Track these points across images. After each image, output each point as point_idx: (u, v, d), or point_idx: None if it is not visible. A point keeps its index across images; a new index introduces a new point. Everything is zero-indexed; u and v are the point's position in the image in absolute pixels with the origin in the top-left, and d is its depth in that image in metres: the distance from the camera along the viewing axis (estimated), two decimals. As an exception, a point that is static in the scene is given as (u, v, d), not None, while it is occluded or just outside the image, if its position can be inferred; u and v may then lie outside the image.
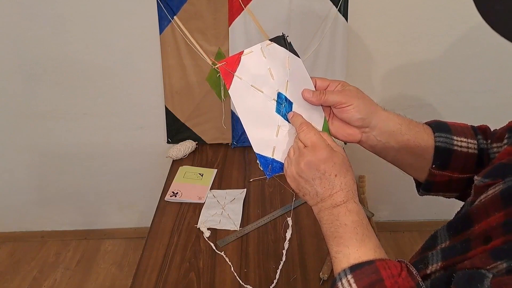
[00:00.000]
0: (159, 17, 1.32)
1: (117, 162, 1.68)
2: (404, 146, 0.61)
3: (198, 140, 1.50)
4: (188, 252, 1.03)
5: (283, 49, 0.60)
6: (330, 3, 1.29)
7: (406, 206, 1.87)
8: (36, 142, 1.62)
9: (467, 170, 0.60)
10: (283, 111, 0.60)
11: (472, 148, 0.59)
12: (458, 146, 0.59)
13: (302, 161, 0.55)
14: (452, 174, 0.60)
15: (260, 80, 0.59)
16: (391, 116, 0.61)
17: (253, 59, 0.59)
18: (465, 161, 0.59)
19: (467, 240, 0.46)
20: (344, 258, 0.50)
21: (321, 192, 0.54)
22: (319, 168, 0.54)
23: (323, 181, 0.54)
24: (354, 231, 0.51)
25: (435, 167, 0.60)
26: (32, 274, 1.76)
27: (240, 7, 1.29)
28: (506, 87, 1.53)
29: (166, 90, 1.44)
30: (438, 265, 0.48)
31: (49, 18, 1.35)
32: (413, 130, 0.60)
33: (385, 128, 0.60)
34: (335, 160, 0.55)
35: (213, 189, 1.26)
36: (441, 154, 0.59)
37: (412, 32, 1.42)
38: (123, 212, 1.85)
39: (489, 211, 0.45)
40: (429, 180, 0.62)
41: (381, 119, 0.60)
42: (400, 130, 0.60)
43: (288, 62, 0.60)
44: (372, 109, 0.60)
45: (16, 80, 1.48)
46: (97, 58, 1.43)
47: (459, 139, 0.60)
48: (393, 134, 0.60)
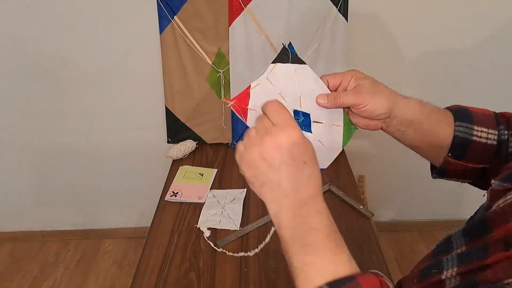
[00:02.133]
0: (159, 17, 1.32)
1: (117, 162, 1.68)
2: (422, 135, 0.59)
3: (198, 140, 1.50)
4: (188, 252, 1.03)
5: (288, 65, 0.60)
6: (330, 3, 1.29)
7: (406, 206, 1.87)
8: (36, 142, 1.62)
9: (483, 160, 0.58)
10: (302, 125, 0.60)
11: (491, 139, 0.57)
12: (477, 136, 0.57)
13: (269, 141, 0.46)
14: (467, 164, 0.58)
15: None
16: (411, 105, 0.59)
17: (262, 90, 0.58)
18: (482, 152, 0.58)
19: (485, 245, 0.43)
20: (316, 273, 0.43)
21: (285, 183, 0.46)
22: (290, 151, 0.46)
23: (289, 169, 0.46)
24: (327, 238, 0.45)
25: (451, 155, 0.59)
26: (32, 274, 1.76)
27: (240, 7, 1.29)
28: (507, 87, 1.53)
29: (166, 90, 1.44)
30: (454, 271, 0.45)
31: (49, 18, 1.35)
32: (433, 119, 0.59)
33: (404, 117, 0.59)
34: (308, 146, 0.48)
35: (213, 189, 1.26)
36: (459, 144, 0.58)
37: (412, 32, 1.42)
38: (123, 212, 1.85)
39: (509, 217, 0.43)
40: (444, 167, 0.61)
41: (400, 110, 0.58)
42: (419, 120, 0.58)
43: (296, 76, 0.60)
44: (390, 102, 0.58)
45: (16, 80, 1.48)
46: (97, 58, 1.43)
47: (479, 129, 0.58)
48: (412, 123, 0.59)
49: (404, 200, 1.85)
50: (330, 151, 0.62)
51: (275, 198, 0.48)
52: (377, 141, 1.65)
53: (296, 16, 1.30)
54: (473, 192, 0.64)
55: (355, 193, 1.23)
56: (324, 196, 0.53)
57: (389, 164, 1.72)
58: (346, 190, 1.22)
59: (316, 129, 0.61)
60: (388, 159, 1.69)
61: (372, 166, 1.72)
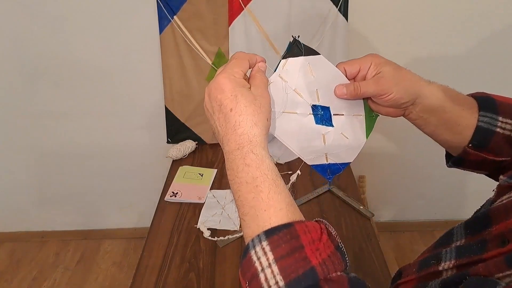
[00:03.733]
0: (159, 17, 1.32)
1: (117, 162, 1.68)
2: (444, 123, 0.57)
3: (198, 140, 1.50)
4: (188, 252, 1.02)
5: (300, 59, 0.57)
6: (330, 3, 1.29)
7: (406, 206, 1.87)
8: (36, 142, 1.62)
9: (505, 153, 0.56)
10: (322, 119, 0.58)
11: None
12: (501, 128, 0.55)
13: (206, 89, 0.50)
14: (487, 155, 0.56)
15: (291, 104, 0.57)
16: (435, 92, 0.56)
17: (276, 88, 0.56)
18: (504, 145, 0.55)
19: (483, 240, 0.44)
20: (252, 222, 0.43)
21: (219, 131, 0.48)
22: (216, 98, 0.48)
23: (220, 117, 0.47)
24: (256, 189, 0.44)
25: (471, 146, 0.56)
26: (32, 274, 1.76)
27: (240, 7, 1.29)
28: (507, 87, 1.53)
29: (166, 90, 1.44)
30: (451, 263, 0.45)
31: (49, 18, 1.35)
32: (457, 108, 0.56)
33: (428, 105, 0.56)
34: (238, 94, 0.47)
35: (213, 189, 1.26)
36: (481, 135, 0.55)
37: (412, 32, 1.42)
38: (123, 212, 1.85)
39: (510, 213, 0.43)
40: (462, 156, 0.58)
41: (425, 97, 0.56)
42: (443, 108, 0.56)
43: (310, 69, 0.58)
44: (414, 89, 0.55)
45: (16, 80, 1.48)
46: (97, 58, 1.43)
47: (504, 120, 0.55)
48: (435, 111, 0.56)
49: (404, 200, 1.85)
50: (355, 144, 0.60)
51: (220, 145, 0.49)
52: (377, 141, 1.65)
53: (296, 16, 1.30)
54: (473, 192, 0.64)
55: (355, 193, 1.22)
56: (324, 196, 0.53)
57: (389, 164, 1.72)
58: (346, 190, 1.22)
59: (337, 122, 0.59)
60: (388, 159, 1.69)
61: (372, 166, 1.72)
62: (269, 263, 0.39)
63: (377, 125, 0.63)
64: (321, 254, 0.39)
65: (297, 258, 0.39)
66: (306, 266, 0.38)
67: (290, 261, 0.39)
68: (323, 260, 0.39)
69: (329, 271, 0.39)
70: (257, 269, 0.39)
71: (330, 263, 0.39)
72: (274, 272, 0.38)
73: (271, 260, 0.39)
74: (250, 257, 0.40)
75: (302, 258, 0.39)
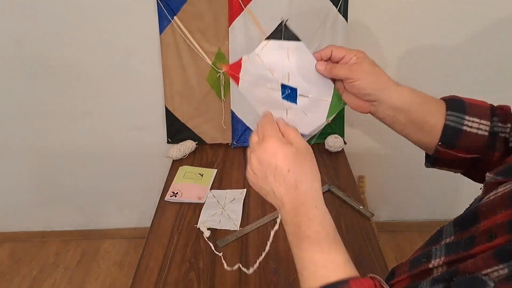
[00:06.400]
0: (159, 17, 1.32)
1: (117, 162, 1.68)
2: (412, 122, 0.60)
3: (198, 140, 1.50)
4: (188, 252, 1.03)
5: (281, 42, 0.63)
6: (330, 3, 1.29)
7: (406, 206, 1.87)
8: (36, 142, 1.62)
9: (474, 150, 0.58)
10: (288, 97, 0.64)
11: (482, 130, 0.57)
12: (468, 126, 0.57)
13: (252, 157, 0.52)
14: (457, 153, 0.59)
15: (262, 79, 0.64)
16: (402, 92, 0.60)
17: (252, 64, 0.63)
18: (472, 142, 0.58)
19: (472, 236, 0.45)
20: (311, 277, 0.46)
21: (277, 192, 0.50)
22: (270, 163, 0.50)
23: (276, 179, 0.50)
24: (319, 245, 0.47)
25: (441, 144, 0.59)
26: (32, 274, 1.76)
27: (240, 7, 1.29)
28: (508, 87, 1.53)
29: (166, 90, 1.44)
30: (441, 260, 0.46)
31: (49, 18, 1.35)
32: (424, 108, 0.59)
33: (394, 103, 0.60)
34: (287, 154, 0.50)
35: (213, 189, 1.26)
36: (449, 133, 0.58)
37: (412, 32, 1.42)
38: (123, 212, 1.85)
39: (497, 209, 0.44)
40: (435, 155, 0.61)
41: (389, 95, 0.59)
42: (409, 108, 0.59)
43: (287, 54, 0.63)
44: (380, 85, 0.59)
45: (16, 80, 1.48)
46: (97, 58, 1.43)
47: (470, 119, 0.58)
48: (401, 110, 0.60)
49: (404, 200, 1.85)
50: (313, 121, 0.65)
51: (275, 205, 0.52)
52: (377, 141, 1.65)
53: (296, 16, 1.30)
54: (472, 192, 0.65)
55: (355, 193, 1.23)
56: (324, 196, 0.54)
57: (389, 164, 1.72)
58: (346, 190, 1.22)
59: (301, 102, 0.64)
60: (388, 159, 1.69)
61: (372, 166, 1.72)
62: None
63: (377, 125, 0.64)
64: None
65: None
66: None
67: None
68: None
69: None
70: None
71: None
72: None
73: None
74: None
75: None
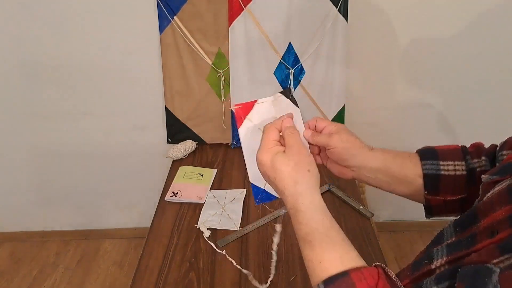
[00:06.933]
0: (159, 17, 1.32)
1: (117, 162, 1.68)
2: (393, 177, 0.64)
3: (198, 140, 1.50)
4: (188, 252, 1.03)
5: (287, 100, 0.67)
6: (330, 3, 1.29)
7: (406, 206, 1.85)
8: (36, 142, 1.62)
9: (458, 191, 0.62)
10: None
11: (459, 170, 0.61)
12: (445, 170, 0.61)
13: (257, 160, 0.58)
14: (444, 197, 0.62)
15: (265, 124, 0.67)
16: (376, 155, 0.64)
17: (264, 107, 0.66)
18: (454, 184, 0.61)
19: (473, 235, 0.45)
20: (313, 273, 0.49)
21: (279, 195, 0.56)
22: (264, 172, 0.57)
23: (272, 184, 0.56)
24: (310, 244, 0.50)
25: (427, 193, 0.63)
26: (32, 274, 1.76)
27: (240, 7, 1.29)
28: (507, 87, 1.53)
29: (166, 90, 1.44)
30: (443, 260, 0.47)
31: (49, 18, 1.35)
32: (398, 163, 0.64)
33: (370, 166, 0.64)
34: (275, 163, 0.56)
35: (213, 189, 1.26)
36: (430, 180, 0.62)
37: (412, 32, 1.42)
38: (123, 212, 1.85)
39: (496, 206, 0.45)
40: (427, 205, 0.65)
41: (365, 159, 0.64)
42: (385, 166, 0.64)
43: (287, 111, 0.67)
44: (355, 151, 0.63)
45: (16, 80, 1.48)
46: (97, 58, 1.43)
47: (445, 163, 0.62)
48: (379, 170, 0.64)
49: (404, 200, 1.83)
50: None
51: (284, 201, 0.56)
52: (377, 141, 1.65)
53: (296, 16, 1.30)
54: (473, 192, 0.65)
55: (355, 193, 1.23)
56: (324, 196, 0.55)
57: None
58: (346, 190, 1.22)
59: None
60: (388, 159, 1.69)
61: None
62: None
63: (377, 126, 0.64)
64: None
65: None
66: None
67: None
68: None
69: None
70: None
71: None
72: None
73: None
74: None
75: None
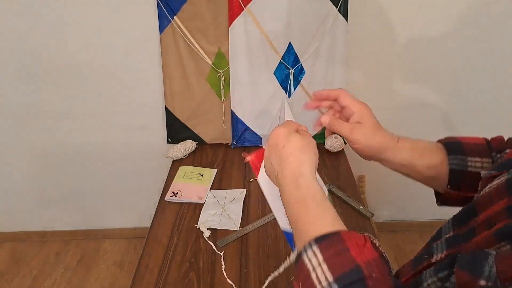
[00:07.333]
0: (159, 17, 1.32)
1: (117, 162, 1.68)
2: (416, 173, 0.63)
3: (198, 140, 1.50)
4: (188, 252, 1.03)
5: None
6: (330, 3, 1.29)
7: (406, 206, 1.87)
8: (36, 142, 1.62)
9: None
10: None
11: (486, 167, 0.59)
12: (473, 167, 0.60)
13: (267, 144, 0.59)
14: (467, 194, 0.61)
15: None
16: (400, 151, 0.62)
17: None
18: (478, 181, 0.58)
19: (472, 228, 0.46)
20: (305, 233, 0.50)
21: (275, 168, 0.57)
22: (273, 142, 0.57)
23: (276, 155, 0.57)
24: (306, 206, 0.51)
25: (450, 187, 0.62)
26: (32, 274, 1.76)
27: (240, 7, 1.29)
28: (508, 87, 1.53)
29: (166, 90, 1.44)
30: (443, 254, 0.48)
31: (49, 18, 1.35)
32: (425, 159, 0.62)
33: (395, 161, 0.63)
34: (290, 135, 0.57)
35: (213, 189, 1.26)
36: (456, 176, 0.60)
37: (412, 32, 1.42)
38: (123, 212, 1.85)
39: (494, 199, 0.45)
40: (446, 197, 0.64)
41: (391, 154, 0.62)
42: (410, 162, 0.62)
43: None
44: (379, 149, 0.62)
45: (16, 80, 1.48)
46: (97, 58, 1.43)
47: (473, 159, 0.60)
48: (403, 166, 0.63)
49: (404, 200, 1.85)
50: None
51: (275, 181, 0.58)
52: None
53: (296, 16, 1.30)
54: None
55: (355, 193, 1.23)
56: None
57: (389, 164, 1.71)
58: (346, 190, 1.22)
59: None
60: (388, 159, 1.69)
61: (372, 166, 1.70)
62: (319, 263, 0.44)
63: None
64: (365, 256, 0.43)
65: (344, 258, 0.43)
66: (352, 264, 0.43)
67: (338, 260, 0.43)
68: (368, 261, 0.43)
69: (373, 271, 0.42)
70: (309, 270, 0.44)
71: (374, 265, 0.43)
72: (324, 270, 0.43)
73: (321, 260, 0.44)
74: (303, 260, 0.46)
75: (348, 258, 0.43)
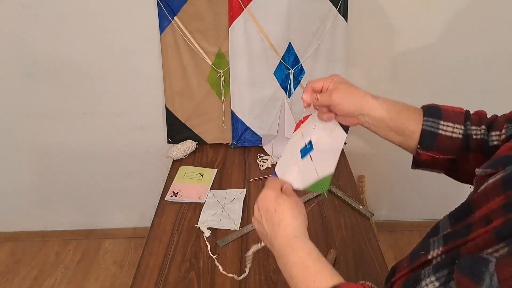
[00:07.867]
0: (159, 17, 1.32)
1: (118, 162, 1.68)
2: (393, 129, 0.68)
3: (198, 140, 1.50)
4: (188, 252, 1.03)
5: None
6: (330, 3, 1.30)
7: (406, 206, 1.88)
8: (36, 142, 1.63)
9: (449, 152, 0.65)
10: (305, 151, 0.73)
11: (457, 133, 0.64)
12: (443, 130, 0.64)
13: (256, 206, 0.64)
14: (435, 154, 0.66)
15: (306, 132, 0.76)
16: (378, 106, 0.67)
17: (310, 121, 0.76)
18: (448, 145, 0.65)
19: (468, 225, 0.47)
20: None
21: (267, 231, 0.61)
22: (263, 206, 0.62)
23: (268, 219, 0.61)
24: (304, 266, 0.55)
25: (420, 147, 0.66)
26: (32, 274, 1.76)
27: (240, 7, 1.29)
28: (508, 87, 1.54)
29: (166, 90, 1.44)
30: (440, 250, 0.48)
31: (49, 18, 1.36)
32: (402, 117, 0.67)
33: (374, 115, 0.67)
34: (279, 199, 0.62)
35: (213, 189, 1.26)
36: (426, 137, 0.65)
37: (412, 32, 1.42)
38: (124, 212, 1.85)
39: (490, 197, 0.46)
40: (416, 158, 0.69)
41: (369, 109, 0.67)
42: (388, 117, 0.67)
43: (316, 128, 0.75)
44: (359, 103, 0.67)
45: (16, 80, 1.48)
46: (97, 58, 1.43)
47: (445, 123, 0.65)
48: (382, 120, 0.67)
49: (404, 200, 1.85)
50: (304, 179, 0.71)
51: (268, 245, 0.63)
52: (377, 141, 1.64)
53: (296, 16, 1.30)
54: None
55: (355, 193, 1.23)
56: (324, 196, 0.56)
57: (389, 164, 1.72)
58: (346, 190, 1.23)
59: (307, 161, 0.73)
60: (388, 159, 1.70)
61: (372, 166, 1.72)
62: None
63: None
64: None
65: None
66: None
67: None
68: None
69: None
70: None
71: None
72: None
73: None
74: None
75: None
